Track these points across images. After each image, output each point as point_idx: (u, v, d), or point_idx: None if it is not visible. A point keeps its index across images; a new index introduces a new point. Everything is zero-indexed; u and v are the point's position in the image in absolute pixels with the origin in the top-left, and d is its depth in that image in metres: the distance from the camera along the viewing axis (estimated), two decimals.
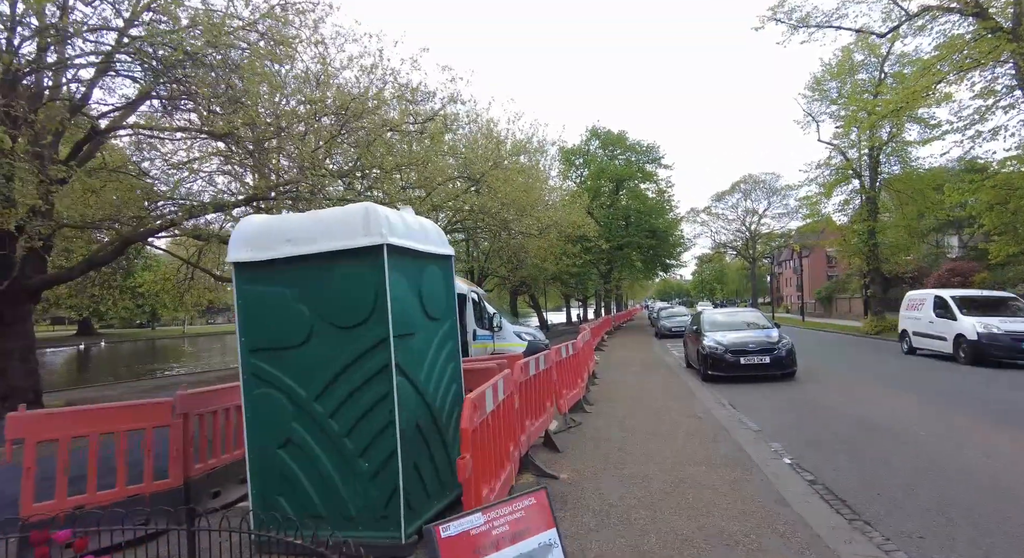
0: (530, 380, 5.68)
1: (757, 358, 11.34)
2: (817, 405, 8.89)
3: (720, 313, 14.20)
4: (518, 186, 22.28)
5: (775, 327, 12.71)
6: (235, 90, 10.82)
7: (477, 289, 11.91)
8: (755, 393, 10.24)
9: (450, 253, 4.81)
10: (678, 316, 28.72)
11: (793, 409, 8.69)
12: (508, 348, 11.34)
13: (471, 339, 10.92)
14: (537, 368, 5.97)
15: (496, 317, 11.21)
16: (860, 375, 12.28)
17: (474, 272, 38.32)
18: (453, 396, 4.60)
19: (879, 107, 21.42)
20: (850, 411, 8.28)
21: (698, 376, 12.63)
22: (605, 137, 38.11)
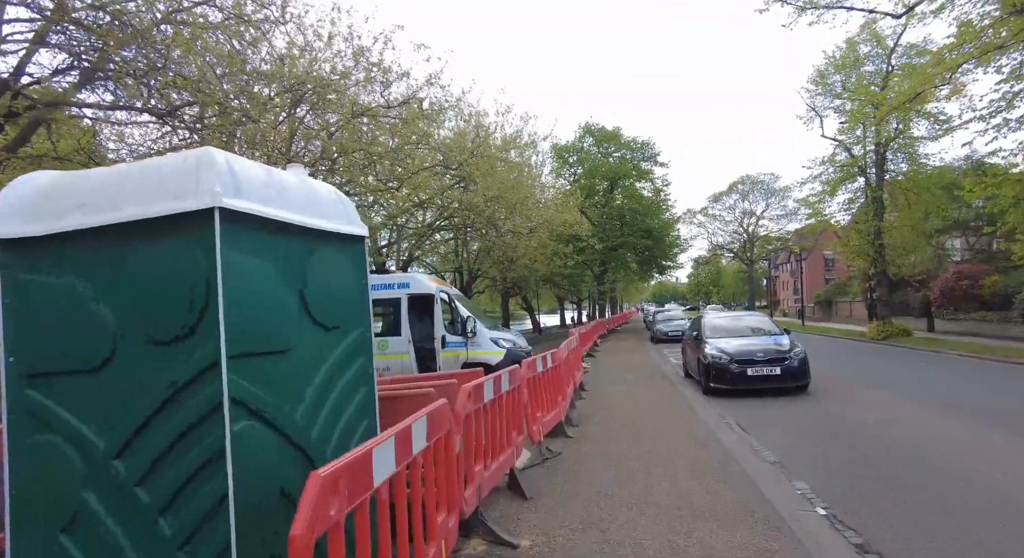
0: (487, 407, 4.31)
1: (766, 369, 9.99)
2: (841, 426, 7.54)
3: (722, 317, 12.85)
4: (505, 180, 21.00)
5: (784, 333, 11.38)
6: (175, 65, 9.51)
7: (449, 289, 10.54)
8: (765, 410, 8.89)
9: (360, 233, 3.42)
10: (675, 320, 27.40)
11: (813, 431, 7.34)
12: (483, 356, 9.97)
13: (439, 347, 9.54)
14: (498, 390, 4.60)
15: (470, 321, 9.83)
16: (881, 387, 10.94)
17: (463, 273, 37.05)
18: (360, 439, 3.21)
19: (890, 97, 20.19)
20: (882, 435, 6.92)
21: (698, 388, 11.28)
22: (599, 134, 36.83)
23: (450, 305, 9.97)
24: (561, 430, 6.92)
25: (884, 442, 6.58)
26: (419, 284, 10.13)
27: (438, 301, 9.79)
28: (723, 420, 8.17)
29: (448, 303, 9.98)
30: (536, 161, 28.88)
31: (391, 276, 10.34)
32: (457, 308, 9.97)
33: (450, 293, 10.09)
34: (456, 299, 10.21)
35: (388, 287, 10.22)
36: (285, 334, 2.72)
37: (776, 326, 11.75)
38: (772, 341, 10.88)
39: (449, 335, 9.76)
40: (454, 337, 9.84)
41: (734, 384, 10.14)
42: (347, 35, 12.34)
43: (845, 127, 24.63)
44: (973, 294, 25.65)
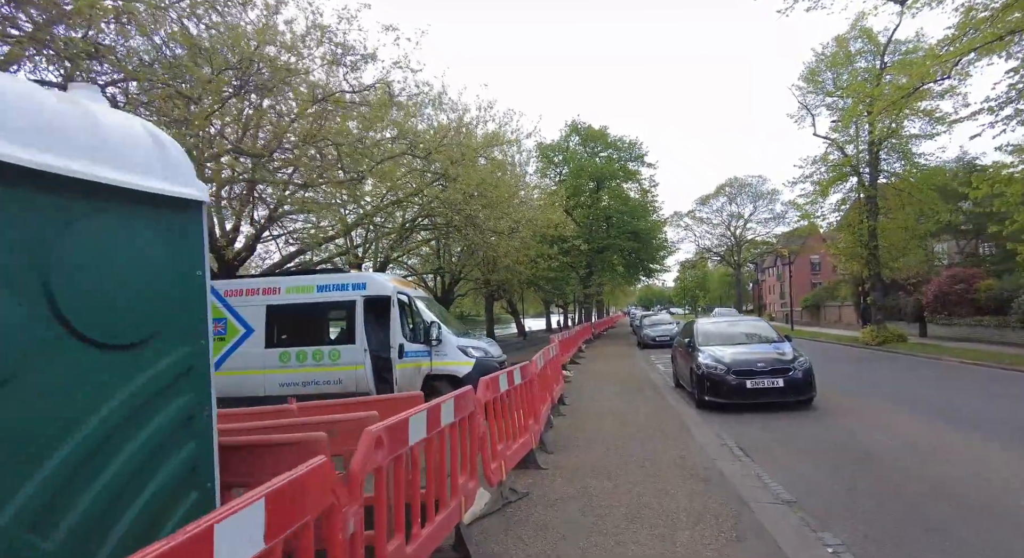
0: (415, 452, 3.10)
1: (768, 381, 8.90)
2: (860, 451, 6.44)
3: (717, 322, 11.76)
4: (486, 177, 19.89)
5: (785, 340, 10.31)
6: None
7: (411, 289, 9.31)
8: (768, 429, 7.79)
9: (191, 196, 2.21)
10: (662, 324, 26.40)
11: (829, 458, 6.23)
12: (450, 367, 8.75)
13: (395, 357, 8.30)
14: (435, 425, 3.40)
15: (435, 327, 8.61)
16: (892, 400, 9.90)
17: (444, 275, 35.76)
18: (180, 523, 1.98)
19: (886, 91, 19.38)
20: (913, 466, 5.82)
21: (690, 400, 10.18)
22: (586, 133, 35.84)
23: (410, 308, 8.75)
24: (532, 460, 5.73)
25: (917, 474, 5.48)
26: (377, 285, 8.90)
27: (395, 304, 8.55)
28: (722, 442, 7.03)
29: (408, 306, 8.76)
30: (519, 159, 27.77)
31: (344, 275, 9.11)
32: (419, 312, 8.75)
33: (411, 294, 8.86)
34: (419, 301, 8.99)
35: (341, 288, 8.98)
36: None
37: (776, 332, 10.68)
38: (773, 349, 9.81)
39: (408, 343, 8.53)
40: (415, 345, 8.61)
41: (731, 398, 9.03)
42: (305, 7, 11.13)
43: (838, 125, 23.81)
44: (967, 298, 24.98)
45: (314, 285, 9.06)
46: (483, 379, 4.45)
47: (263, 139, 13.53)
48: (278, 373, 8.84)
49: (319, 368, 8.78)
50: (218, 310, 9.05)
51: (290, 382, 8.82)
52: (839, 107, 24.25)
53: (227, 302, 9.08)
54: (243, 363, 8.88)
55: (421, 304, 9.03)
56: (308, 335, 9.07)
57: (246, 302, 9.07)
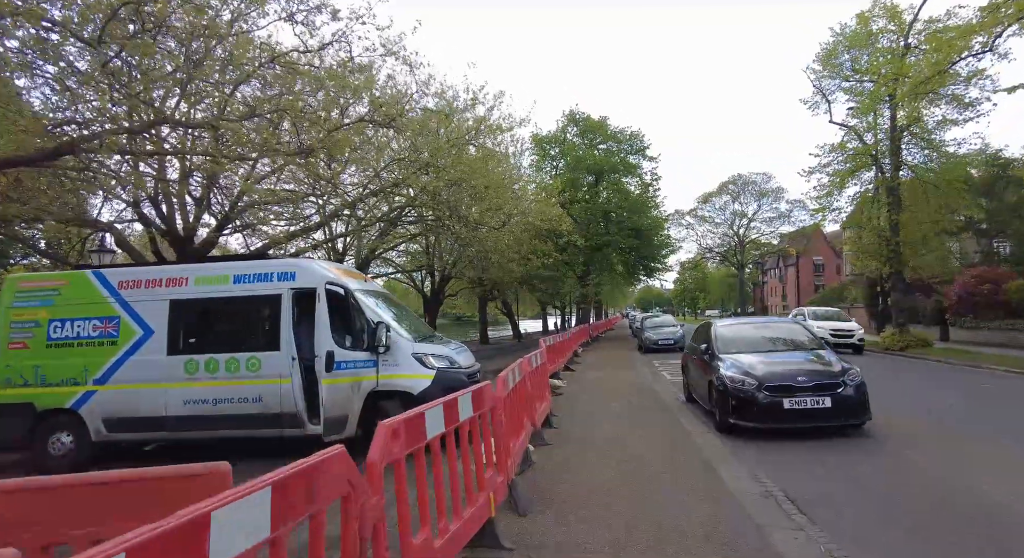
0: None
1: (812, 399, 6.92)
2: (974, 507, 4.46)
3: (740, 325, 9.76)
4: (471, 164, 17.99)
5: (826, 347, 8.34)
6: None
7: (353, 280, 7.29)
8: (820, 466, 5.83)
9: None
10: (665, 326, 24.41)
11: (930, 520, 4.26)
12: (402, 382, 6.74)
13: (321, 369, 6.30)
14: (279, 522, 1.43)
15: (381, 329, 6.61)
16: (964, 421, 7.93)
17: (434, 274, 33.77)
18: None
19: (915, 71, 17.47)
20: None
21: (708, 420, 8.23)
22: (584, 123, 33.86)
23: (347, 302, 6.74)
24: (491, 533, 3.72)
25: None
26: (307, 274, 6.90)
27: (321, 297, 6.53)
28: (765, 492, 5.05)
29: (345, 299, 6.75)
30: (513, 151, 25.76)
31: (268, 263, 7.10)
32: (363, 310, 6.75)
33: (350, 286, 6.84)
34: (363, 295, 6.97)
35: (264, 278, 6.98)
36: None
37: (813, 336, 8.70)
38: (813, 358, 7.84)
39: (342, 350, 6.52)
40: (354, 354, 6.61)
41: (763, 421, 7.05)
42: None
43: (857, 110, 21.89)
44: (995, 300, 23.06)
45: (230, 275, 7.07)
46: (385, 424, 2.48)
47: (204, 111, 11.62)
48: (183, 387, 6.85)
49: (233, 381, 6.79)
50: (109, 306, 7.07)
51: (197, 399, 6.82)
52: (858, 91, 22.31)
53: (121, 295, 7.10)
54: (139, 374, 6.90)
55: (366, 298, 7.02)
56: (221, 338, 7.08)
57: (145, 296, 7.09)
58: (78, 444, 6.86)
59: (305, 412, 6.70)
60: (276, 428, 6.77)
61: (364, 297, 7.01)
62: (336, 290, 6.77)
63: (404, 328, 7.27)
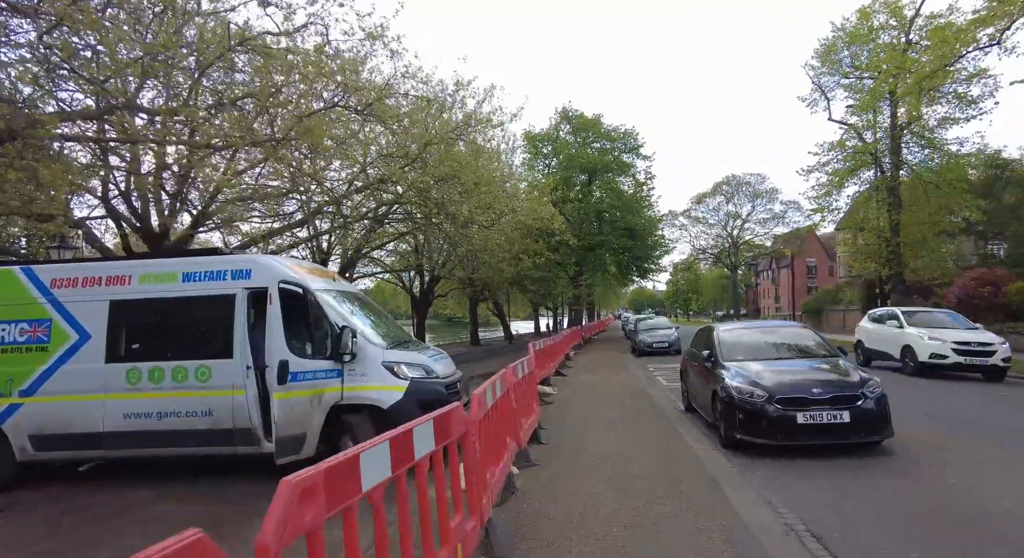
0: None
1: (828, 413, 6.22)
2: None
3: (745, 330, 9.05)
4: (460, 159, 17.30)
5: (841, 354, 7.66)
6: None
7: (316, 278, 6.51)
8: (839, 489, 5.15)
9: None
10: (660, 329, 23.75)
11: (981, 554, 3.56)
12: (370, 394, 5.97)
13: (273, 381, 5.52)
14: None
15: (347, 334, 5.83)
16: (987, 431, 7.27)
17: (423, 274, 32.93)
18: None
19: (919, 63, 16.91)
20: None
21: (711, 433, 7.54)
22: (578, 121, 33.18)
23: (307, 304, 5.95)
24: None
25: None
26: (265, 271, 6.12)
27: (273, 298, 5.72)
28: (783, 524, 4.34)
29: (304, 300, 5.96)
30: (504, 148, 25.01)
31: (222, 260, 6.30)
32: (325, 311, 5.97)
33: (309, 285, 6.04)
34: (326, 295, 6.19)
35: (216, 276, 6.19)
36: None
37: (825, 342, 8.01)
38: (826, 367, 7.15)
39: (300, 359, 5.73)
40: (314, 363, 5.82)
41: (774, 437, 6.35)
42: None
43: (857, 107, 21.36)
44: (995, 302, 22.60)
45: (178, 272, 6.27)
46: (290, 481, 1.71)
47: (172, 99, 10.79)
48: (123, 399, 6.04)
49: (181, 393, 5.99)
50: (39, 307, 6.25)
51: (139, 412, 6.02)
52: (858, 88, 21.78)
53: (53, 295, 6.28)
54: (73, 384, 6.08)
55: (331, 300, 6.23)
56: (168, 344, 6.27)
57: (82, 296, 6.27)
58: (1, 464, 6.04)
59: (261, 427, 5.92)
60: (228, 445, 5.99)
61: (328, 298, 6.23)
62: (293, 290, 5.98)
63: (375, 333, 6.50)
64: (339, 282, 7.26)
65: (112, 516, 5.26)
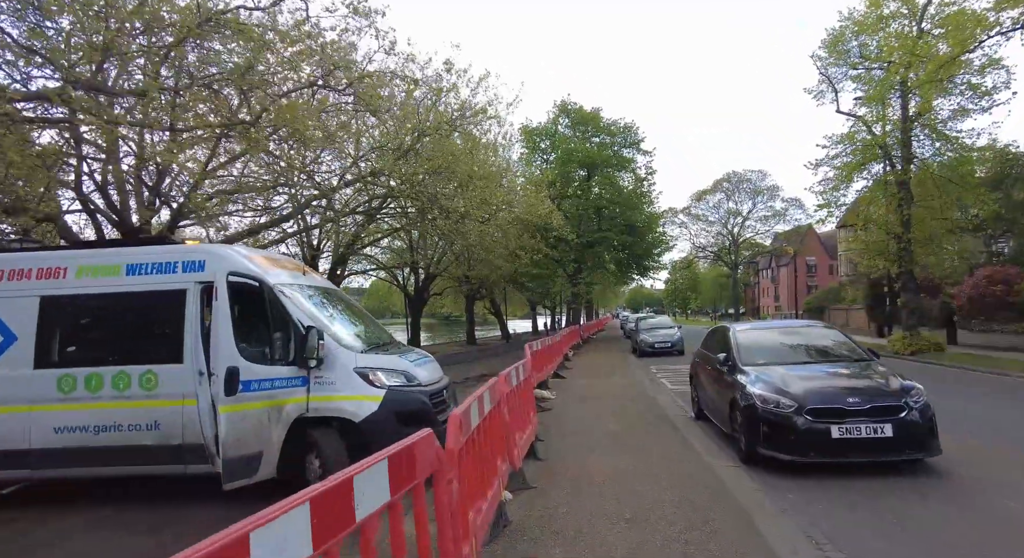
0: None
1: (867, 426, 5.42)
2: None
3: (764, 330, 8.22)
4: (454, 151, 16.52)
5: (874, 357, 6.87)
6: None
7: (274, 270, 5.64)
8: (898, 526, 4.31)
9: None
10: (661, 328, 22.93)
11: None
12: (339, 405, 5.15)
13: (221, 391, 4.68)
14: None
15: (313, 335, 5.00)
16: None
17: (418, 271, 32.08)
18: None
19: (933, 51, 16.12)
20: None
21: (724, 443, 6.76)
22: (576, 115, 32.34)
23: (264, 300, 5.13)
24: None
25: None
26: (222, 261, 5.27)
27: (220, 294, 4.85)
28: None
29: (261, 296, 5.13)
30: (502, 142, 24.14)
31: (169, 250, 5.45)
32: (287, 309, 5.14)
33: (266, 279, 5.19)
34: (289, 290, 5.36)
35: (164, 269, 5.35)
36: None
37: (856, 344, 7.21)
38: (858, 372, 6.36)
39: (255, 365, 4.89)
40: (273, 369, 4.99)
41: (804, 452, 5.55)
42: None
43: (866, 99, 20.56)
44: (1008, 301, 21.87)
45: (121, 264, 5.43)
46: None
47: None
48: (54, 411, 5.21)
49: (122, 403, 5.16)
50: None
51: (73, 426, 5.19)
52: (867, 79, 21.01)
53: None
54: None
55: (297, 296, 5.40)
56: (108, 347, 5.43)
57: (8, 291, 5.43)
58: None
59: (215, 443, 5.09)
60: (177, 463, 5.16)
61: (294, 294, 5.40)
62: (247, 284, 5.14)
63: (348, 335, 5.68)
64: (311, 276, 6.42)
65: (28, 552, 4.44)
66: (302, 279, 6.09)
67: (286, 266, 6.09)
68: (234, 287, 4.98)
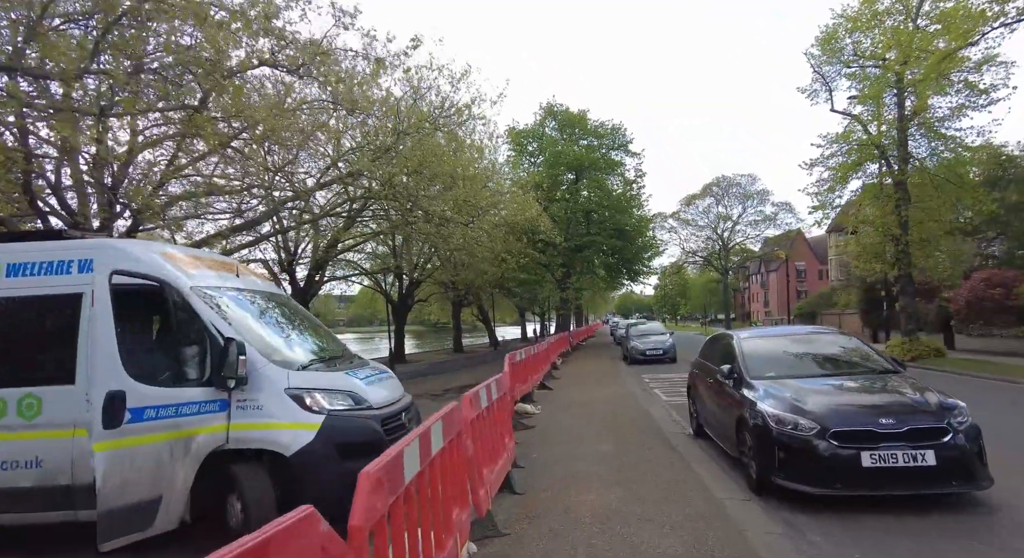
0: None
1: (905, 453, 4.55)
2: None
3: (772, 338, 7.33)
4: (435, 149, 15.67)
5: (900, 367, 6.02)
6: None
7: (190, 269, 4.64)
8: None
9: None
10: (653, 334, 22.09)
11: None
12: (265, 435, 4.17)
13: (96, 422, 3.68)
14: None
15: (233, 349, 4.03)
16: None
17: (402, 277, 31.05)
18: None
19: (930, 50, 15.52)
20: None
21: (730, 466, 5.87)
22: (563, 117, 31.60)
23: (169, 306, 4.15)
24: None
25: None
26: (107, 257, 4.27)
27: (100, 299, 3.77)
28: None
29: (164, 301, 4.15)
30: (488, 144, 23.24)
31: (58, 247, 4.44)
32: (199, 316, 4.17)
33: (171, 279, 4.21)
34: (209, 293, 4.39)
35: (51, 270, 4.35)
36: None
37: (879, 354, 6.36)
38: (887, 386, 5.50)
39: (148, 387, 3.90)
40: (177, 392, 4.02)
41: (829, 484, 4.67)
42: None
43: (861, 97, 19.98)
44: (1007, 305, 21.30)
45: (1, 264, 4.44)
46: None
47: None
48: None
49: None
50: None
51: None
52: (863, 77, 20.44)
53: None
54: None
55: (221, 300, 4.44)
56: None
57: None
58: None
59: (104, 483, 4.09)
60: (66, 508, 4.16)
61: (216, 298, 4.43)
62: (143, 283, 4.16)
63: (283, 347, 4.72)
64: (248, 278, 5.44)
65: None
66: (234, 281, 5.12)
67: (214, 266, 5.11)
68: (125, 290, 4.00)
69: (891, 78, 18.76)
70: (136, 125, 12.16)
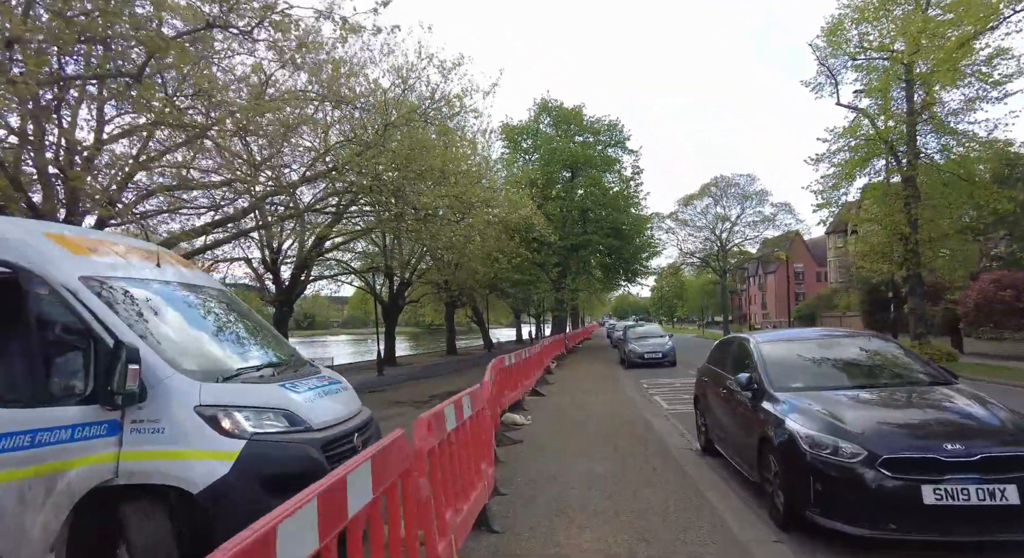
0: None
1: (978, 488, 3.63)
2: None
3: (796, 343, 6.36)
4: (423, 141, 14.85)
5: (953, 378, 5.12)
6: None
7: (92, 256, 3.73)
8: None
9: None
10: (651, 337, 21.19)
11: None
12: (168, 465, 3.24)
13: None
14: None
15: (123, 355, 3.09)
16: None
17: (392, 277, 30.07)
18: None
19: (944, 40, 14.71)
20: None
21: (748, 493, 4.96)
22: (558, 113, 30.73)
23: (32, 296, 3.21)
24: None
25: None
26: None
27: None
28: None
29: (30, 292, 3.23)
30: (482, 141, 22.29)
31: None
32: (81, 314, 3.23)
33: (45, 265, 3.30)
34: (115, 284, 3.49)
35: None
36: None
37: (925, 363, 5.45)
38: (939, 401, 4.59)
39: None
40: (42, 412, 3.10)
41: (880, 524, 3.75)
42: None
43: (868, 91, 19.18)
44: (1018, 308, 20.51)
45: None
46: None
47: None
48: None
49: None
50: None
51: None
52: (870, 68, 19.64)
53: None
54: None
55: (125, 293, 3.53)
56: None
57: None
58: None
59: None
60: None
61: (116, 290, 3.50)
62: (5, 274, 3.21)
63: (197, 352, 3.78)
64: (172, 267, 4.48)
65: None
66: (151, 271, 4.17)
67: (127, 253, 4.16)
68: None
69: (900, 70, 17.98)
70: (103, 116, 11.29)
